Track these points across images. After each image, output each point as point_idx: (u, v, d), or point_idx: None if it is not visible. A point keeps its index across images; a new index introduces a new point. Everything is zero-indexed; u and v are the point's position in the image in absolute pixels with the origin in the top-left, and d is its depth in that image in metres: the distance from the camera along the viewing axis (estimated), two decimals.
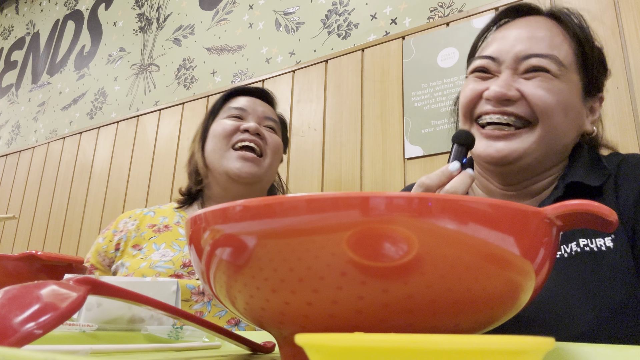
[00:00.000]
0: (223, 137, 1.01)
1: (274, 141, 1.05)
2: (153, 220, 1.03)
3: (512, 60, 0.65)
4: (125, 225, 1.03)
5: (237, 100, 1.08)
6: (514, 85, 0.63)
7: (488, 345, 0.15)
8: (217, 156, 1.01)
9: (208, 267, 0.28)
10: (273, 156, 1.04)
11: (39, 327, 0.23)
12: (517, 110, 0.63)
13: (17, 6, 3.14)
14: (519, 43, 0.65)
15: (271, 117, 1.07)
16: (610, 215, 0.28)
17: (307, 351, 0.17)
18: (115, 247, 0.99)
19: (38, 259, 0.53)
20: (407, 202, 0.24)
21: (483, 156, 0.65)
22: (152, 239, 0.97)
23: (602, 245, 0.58)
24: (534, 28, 0.67)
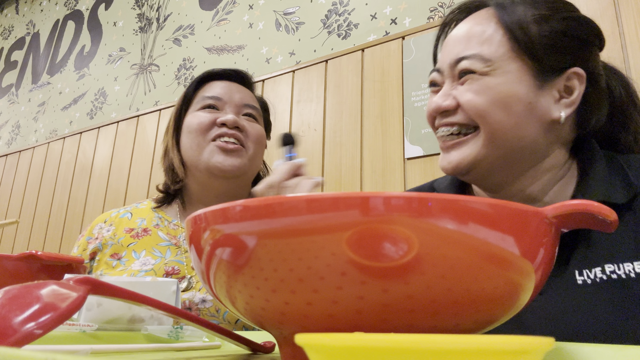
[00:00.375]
0: (199, 132, 0.91)
1: (256, 132, 0.94)
2: (130, 224, 0.94)
3: (449, 68, 0.63)
4: (100, 231, 0.94)
5: (211, 87, 0.96)
6: (452, 94, 0.62)
7: (488, 345, 0.15)
8: (195, 153, 0.91)
9: (208, 267, 0.28)
10: (255, 148, 0.94)
11: (39, 327, 0.23)
12: (458, 119, 0.61)
13: (17, 6, 3.14)
14: (451, 49, 0.63)
15: (250, 104, 0.96)
16: (611, 216, 0.28)
17: (307, 351, 0.17)
18: (90, 256, 0.91)
19: (38, 259, 0.53)
20: (407, 202, 0.24)
21: (442, 169, 0.64)
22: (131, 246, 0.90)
23: (630, 271, 0.53)
24: (471, 26, 0.64)
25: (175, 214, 0.96)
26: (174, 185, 0.96)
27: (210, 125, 0.91)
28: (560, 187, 0.63)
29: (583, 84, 0.61)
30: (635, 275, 0.52)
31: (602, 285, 0.53)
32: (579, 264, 0.55)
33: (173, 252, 0.89)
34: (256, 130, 0.95)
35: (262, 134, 0.96)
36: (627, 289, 0.52)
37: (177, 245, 0.90)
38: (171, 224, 0.94)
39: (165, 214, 0.96)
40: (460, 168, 0.61)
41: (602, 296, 0.53)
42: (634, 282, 0.52)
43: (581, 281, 0.54)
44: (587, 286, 0.54)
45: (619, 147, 0.67)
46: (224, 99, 0.94)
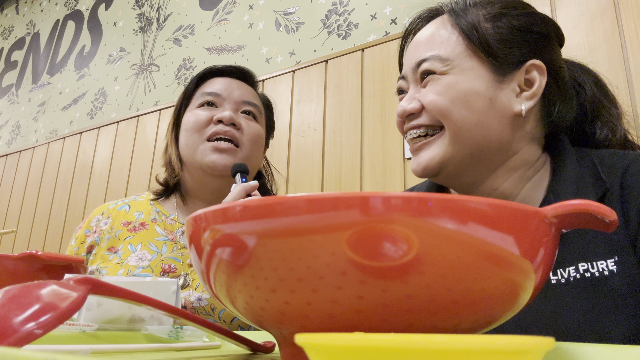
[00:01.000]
0: (195, 130, 0.90)
1: (252, 131, 0.92)
2: (128, 217, 0.94)
3: (411, 72, 0.65)
4: (98, 224, 0.94)
5: (211, 83, 0.95)
6: (416, 97, 0.63)
7: (488, 345, 0.15)
8: (190, 151, 0.90)
9: (208, 266, 0.28)
10: (251, 147, 0.92)
11: (39, 327, 0.23)
12: (423, 121, 0.62)
13: (17, 6, 3.15)
14: (412, 53, 0.65)
15: (250, 101, 0.94)
16: (611, 216, 0.28)
17: (307, 351, 0.17)
18: (87, 250, 0.91)
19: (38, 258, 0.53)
20: (407, 202, 0.24)
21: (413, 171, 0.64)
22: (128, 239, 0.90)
23: (604, 269, 0.53)
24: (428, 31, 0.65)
25: (173, 208, 0.96)
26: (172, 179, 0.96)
27: (206, 122, 0.90)
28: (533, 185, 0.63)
29: (543, 75, 0.62)
30: (609, 272, 0.52)
31: (576, 284, 0.53)
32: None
33: (169, 247, 0.88)
34: (253, 129, 0.93)
35: (259, 133, 0.94)
36: (601, 287, 0.52)
37: (174, 241, 0.90)
38: (168, 219, 0.93)
39: (162, 208, 0.95)
40: (430, 169, 0.61)
41: (577, 295, 0.53)
42: (607, 280, 0.52)
43: (555, 281, 0.55)
44: (561, 286, 0.54)
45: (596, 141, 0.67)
46: (222, 95, 0.93)
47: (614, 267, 0.52)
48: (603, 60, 1.12)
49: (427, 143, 0.62)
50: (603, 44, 1.13)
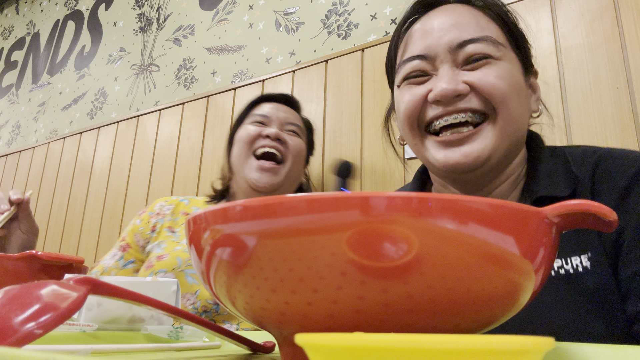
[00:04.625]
0: (246, 142, 1.05)
1: (295, 145, 1.08)
2: (187, 209, 1.09)
3: (446, 51, 0.58)
4: (162, 208, 1.09)
5: (262, 107, 1.12)
6: (461, 79, 0.57)
7: (488, 345, 0.15)
8: (240, 162, 1.05)
9: (208, 267, 0.28)
10: (294, 160, 1.07)
11: (39, 327, 0.23)
12: (471, 105, 0.56)
13: (17, 6, 3.15)
14: (446, 33, 0.58)
15: (293, 122, 1.11)
16: (611, 215, 0.28)
17: (307, 351, 0.17)
18: (152, 228, 1.06)
19: (38, 258, 0.53)
20: (407, 202, 0.24)
21: (448, 166, 0.57)
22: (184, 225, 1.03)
23: (578, 265, 0.52)
24: (453, 15, 0.60)
25: None
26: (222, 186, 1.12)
27: (256, 136, 1.06)
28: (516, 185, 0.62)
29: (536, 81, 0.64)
30: (583, 269, 0.51)
31: (551, 281, 0.52)
32: None
33: None
34: (296, 143, 1.08)
35: (302, 147, 1.10)
36: (576, 284, 0.51)
37: None
38: None
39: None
40: (480, 161, 0.56)
41: (553, 293, 0.52)
42: (582, 276, 0.51)
43: None
44: None
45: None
46: (270, 117, 1.09)
47: (588, 263, 0.52)
48: (603, 61, 1.12)
49: (474, 133, 0.56)
50: (603, 44, 1.13)
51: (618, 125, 1.08)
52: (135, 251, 1.07)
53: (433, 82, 0.58)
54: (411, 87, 0.60)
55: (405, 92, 0.61)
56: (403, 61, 0.61)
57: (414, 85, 0.60)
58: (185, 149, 1.88)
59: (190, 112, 1.94)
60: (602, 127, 1.09)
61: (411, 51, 0.61)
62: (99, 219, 2.08)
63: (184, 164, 1.85)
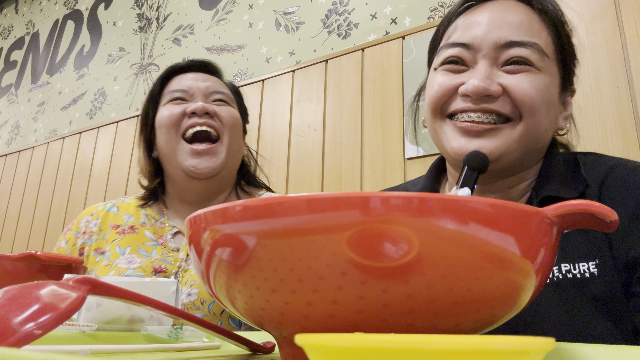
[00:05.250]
0: (170, 126, 0.88)
1: (229, 115, 0.91)
2: (116, 220, 0.93)
3: (491, 48, 0.57)
4: (88, 225, 0.93)
5: (176, 80, 0.94)
6: (496, 80, 0.56)
7: (488, 346, 0.15)
8: (169, 150, 0.89)
9: (208, 267, 0.28)
10: (231, 133, 0.91)
11: (39, 327, 0.23)
12: (499, 108, 0.56)
13: (16, 6, 3.14)
14: (496, 29, 0.57)
15: (219, 90, 0.93)
16: (611, 215, 0.28)
17: (307, 351, 0.17)
18: (79, 252, 0.90)
19: (38, 259, 0.53)
20: (407, 202, 0.23)
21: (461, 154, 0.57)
22: (116, 241, 0.89)
23: (585, 271, 0.52)
24: (509, 12, 0.59)
25: (162, 211, 0.95)
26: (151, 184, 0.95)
27: (180, 116, 0.88)
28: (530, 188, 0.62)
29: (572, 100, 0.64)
30: (590, 275, 0.52)
31: (558, 283, 0.53)
32: None
33: (159, 251, 0.88)
34: (229, 113, 0.91)
35: (236, 117, 0.93)
36: (581, 288, 0.52)
37: (164, 245, 0.89)
38: (158, 222, 0.93)
39: (152, 212, 0.95)
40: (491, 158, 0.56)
41: (558, 295, 0.52)
42: (588, 282, 0.52)
43: None
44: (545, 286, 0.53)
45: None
46: (190, 91, 0.91)
47: (595, 269, 0.52)
48: (604, 60, 1.12)
49: (494, 129, 0.56)
50: (604, 44, 1.13)
51: (618, 125, 1.08)
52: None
53: (468, 75, 0.58)
54: (446, 74, 0.60)
55: (439, 77, 0.60)
56: (446, 45, 0.60)
57: (449, 73, 0.60)
58: None
59: None
60: (603, 126, 1.09)
61: (457, 37, 0.60)
62: None
63: None
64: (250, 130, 1.73)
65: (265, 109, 1.71)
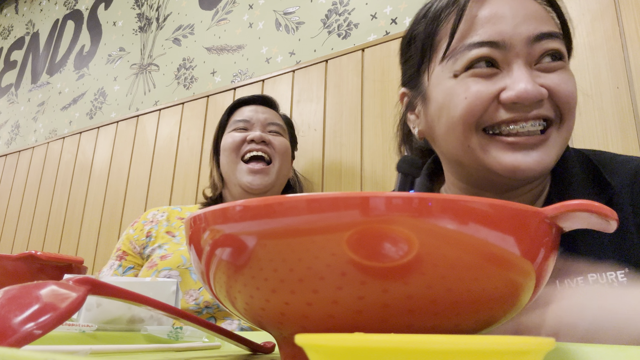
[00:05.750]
0: (232, 150, 1.09)
1: (281, 144, 1.11)
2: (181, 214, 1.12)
3: (523, 43, 0.50)
4: (155, 216, 1.11)
5: (241, 111, 1.15)
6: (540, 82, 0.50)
7: (488, 346, 0.15)
8: (230, 169, 1.09)
9: (208, 267, 0.28)
10: (282, 159, 1.11)
11: (39, 327, 0.23)
12: (545, 111, 0.50)
13: (16, 6, 3.14)
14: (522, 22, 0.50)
15: (274, 122, 1.14)
16: (611, 216, 0.28)
17: (307, 351, 0.17)
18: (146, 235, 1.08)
19: (38, 259, 0.53)
20: (407, 202, 0.23)
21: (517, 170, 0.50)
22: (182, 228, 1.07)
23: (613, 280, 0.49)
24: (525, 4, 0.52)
25: None
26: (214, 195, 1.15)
27: (241, 142, 1.09)
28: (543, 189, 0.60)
29: None
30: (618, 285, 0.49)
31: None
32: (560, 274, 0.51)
33: None
34: (281, 142, 1.12)
35: (286, 146, 1.14)
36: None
37: None
38: None
39: None
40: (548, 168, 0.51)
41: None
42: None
43: None
44: None
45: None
46: (251, 121, 1.13)
47: (624, 279, 0.49)
48: (604, 60, 1.12)
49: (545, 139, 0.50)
50: (604, 44, 1.13)
51: (618, 125, 1.08)
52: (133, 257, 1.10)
53: (506, 80, 0.51)
54: (477, 81, 0.51)
55: (470, 85, 0.51)
56: (468, 45, 0.51)
57: (480, 79, 0.51)
58: (184, 148, 1.88)
59: (190, 112, 1.94)
60: (603, 127, 1.09)
61: (479, 35, 0.51)
62: (99, 219, 2.08)
63: (183, 164, 1.85)
64: None
65: None
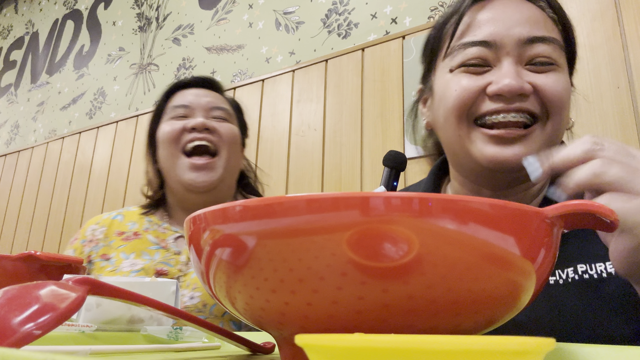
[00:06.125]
0: (170, 141, 0.93)
1: (228, 131, 0.94)
2: (121, 227, 0.97)
3: (515, 44, 0.54)
4: (94, 233, 0.97)
5: (180, 96, 0.98)
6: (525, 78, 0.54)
7: (488, 346, 0.15)
8: (169, 164, 0.93)
9: (208, 267, 0.28)
10: (230, 148, 0.94)
11: (38, 327, 0.23)
12: (531, 107, 0.54)
13: (16, 6, 3.14)
14: (516, 25, 0.55)
15: (219, 106, 0.97)
16: (611, 215, 0.28)
17: (307, 352, 0.17)
18: (87, 260, 0.93)
19: (37, 259, 0.52)
20: (407, 202, 0.23)
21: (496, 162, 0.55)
22: (121, 248, 0.92)
23: (602, 271, 0.51)
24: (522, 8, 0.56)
25: (163, 217, 0.99)
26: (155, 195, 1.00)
27: (180, 132, 0.92)
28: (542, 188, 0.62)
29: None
30: (607, 275, 0.51)
31: (574, 284, 0.52)
32: None
33: (162, 254, 0.91)
34: (228, 129, 0.95)
35: (235, 133, 0.96)
36: (598, 288, 0.51)
37: (166, 248, 0.92)
38: (160, 227, 0.96)
39: (155, 218, 0.99)
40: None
41: (575, 295, 0.52)
42: (605, 281, 0.51)
43: (553, 281, 0.54)
44: (559, 286, 0.53)
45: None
46: (192, 106, 0.95)
47: (612, 269, 0.51)
48: (604, 60, 1.12)
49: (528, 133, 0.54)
50: (604, 44, 1.13)
51: (619, 125, 1.08)
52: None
53: (493, 75, 0.55)
54: (467, 76, 0.56)
55: (461, 79, 0.56)
56: (463, 44, 0.57)
57: (470, 74, 0.56)
58: None
59: None
60: (603, 126, 1.09)
61: (474, 35, 0.56)
62: None
63: None
64: (251, 130, 1.73)
65: (265, 109, 1.71)
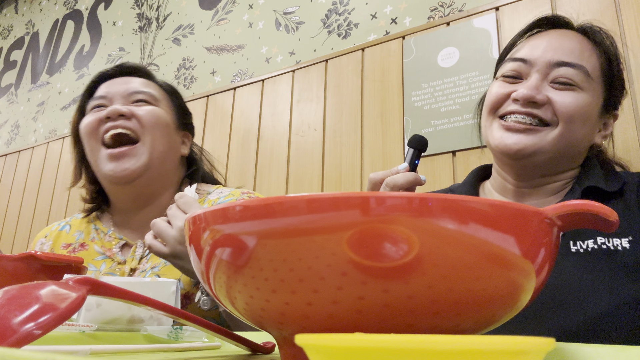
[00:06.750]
0: (89, 135, 0.86)
1: (148, 114, 0.86)
2: (68, 238, 0.93)
3: (544, 65, 0.69)
4: (42, 248, 0.93)
5: (100, 88, 0.92)
6: (544, 92, 0.68)
7: (489, 346, 0.15)
8: (92, 159, 0.87)
9: (208, 267, 0.28)
10: (154, 132, 0.86)
11: (39, 327, 0.23)
12: (542, 114, 0.67)
13: (16, 6, 3.14)
14: (551, 50, 0.70)
15: (139, 90, 0.89)
16: (611, 216, 0.28)
17: (307, 352, 0.17)
18: None
19: (37, 259, 0.52)
20: (408, 202, 0.23)
21: (500, 147, 0.68)
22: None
23: (618, 245, 0.62)
24: (565, 39, 0.71)
25: (109, 223, 0.95)
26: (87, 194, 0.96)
27: (97, 123, 0.86)
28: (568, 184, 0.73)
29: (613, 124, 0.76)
30: (622, 248, 0.61)
31: (593, 253, 0.62)
32: (573, 236, 0.65)
33: (107, 264, 0.88)
34: (149, 112, 0.87)
35: (158, 114, 0.88)
36: (614, 258, 0.61)
37: (111, 257, 0.89)
38: (106, 236, 0.92)
39: (101, 225, 0.94)
40: (525, 152, 0.67)
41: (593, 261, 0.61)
42: (621, 253, 0.61)
43: (574, 250, 0.63)
44: (580, 254, 0.63)
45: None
46: (108, 96, 0.89)
47: (627, 244, 0.61)
48: None
49: (532, 129, 0.67)
50: None
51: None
52: None
53: (520, 85, 0.70)
54: (503, 84, 0.73)
55: (497, 85, 0.73)
56: (509, 59, 0.74)
57: (505, 83, 0.73)
58: None
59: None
60: None
61: (519, 54, 0.73)
62: None
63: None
64: (250, 130, 1.73)
65: (265, 109, 1.71)
